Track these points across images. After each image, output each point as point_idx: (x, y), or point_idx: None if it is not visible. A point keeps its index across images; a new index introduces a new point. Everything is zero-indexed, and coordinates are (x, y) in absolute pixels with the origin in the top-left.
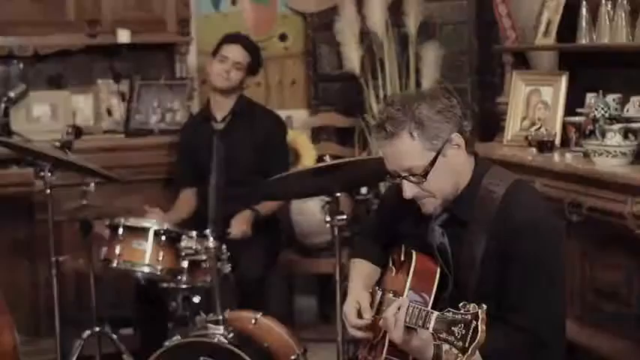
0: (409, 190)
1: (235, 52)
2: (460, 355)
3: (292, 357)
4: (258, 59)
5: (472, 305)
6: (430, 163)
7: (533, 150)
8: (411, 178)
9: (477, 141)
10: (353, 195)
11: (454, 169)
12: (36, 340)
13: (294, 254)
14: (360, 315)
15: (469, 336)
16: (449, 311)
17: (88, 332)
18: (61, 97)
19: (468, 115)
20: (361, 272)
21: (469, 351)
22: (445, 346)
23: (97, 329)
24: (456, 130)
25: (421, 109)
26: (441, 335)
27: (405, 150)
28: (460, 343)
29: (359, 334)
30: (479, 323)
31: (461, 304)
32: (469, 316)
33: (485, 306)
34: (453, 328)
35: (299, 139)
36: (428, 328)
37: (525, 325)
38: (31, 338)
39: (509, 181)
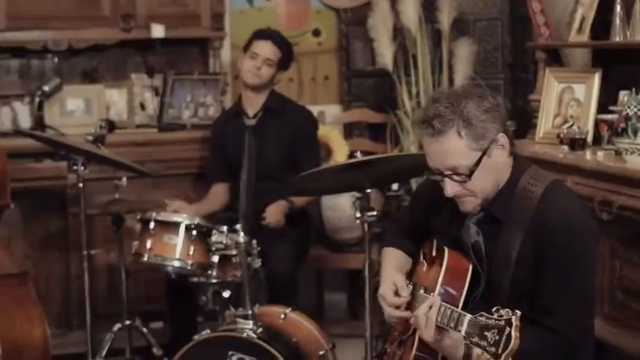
0: (450, 188)
1: (266, 49)
2: None
3: (321, 352)
4: (290, 54)
5: (505, 311)
6: (475, 163)
7: (565, 148)
8: (455, 177)
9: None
10: (384, 191)
11: (496, 169)
12: (67, 332)
13: (324, 250)
14: (397, 295)
15: (502, 342)
16: (482, 315)
17: (118, 325)
18: (95, 91)
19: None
20: (394, 259)
21: (502, 358)
22: (477, 350)
23: (128, 322)
24: (501, 130)
25: (469, 108)
26: (473, 339)
27: (452, 149)
28: (493, 349)
29: (396, 313)
30: (512, 330)
31: (494, 308)
32: (502, 322)
33: (519, 312)
34: (485, 333)
35: (331, 134)
36: (460, 331)
37: (557, 328)
38: (63, 331)
39: (547, 181)
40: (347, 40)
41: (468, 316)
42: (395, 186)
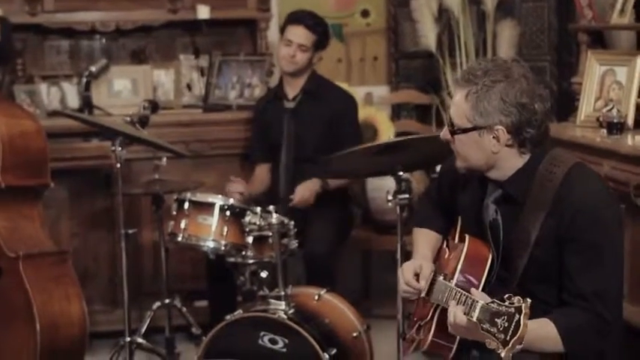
0: (443, 132)
1: (299, 34)
2: (501, 347)
3: (354, 334)
4: (325, 34)
5: (517, 298)
6: (462, 129)
7: (604, 131)
8: (449, 126)
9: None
10: (429, 173)
11: (484, 150)
12: (114, 309)
13: (370, 231)
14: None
15: (511, 329)
16: (494, 302)
17: (157, 304)
18: (142, 71)
19: (542, 125)
20: (427, 239)
21: (510, 344)
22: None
23: (167, 301)
24: (506, 125)
25: (493, 86)
26: (484, 326)
27: (456, 102)
28: (502, 336)
29: (407, 294)
30: (522, 317)
31: (506, 295)
32: (513, 309)
33: (529, 300)
34: (496, 319)
35: (378, 115)
36: (472, 317)
37: (589, 307)
38: (110, 308)
39: (570, 162)
40: (395, 21)
41: (481, 302)
42: (439, 168)
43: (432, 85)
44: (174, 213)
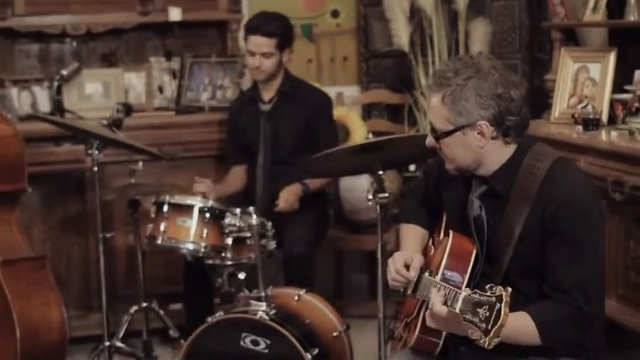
0: (428, 140)
1: (259, 43)
2: (483, 336)
3: (334, 334)
4: (286, 32)
5: (498, 287)
6: (446, 132)
7: (579, 128)
8: (432, 132)
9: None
10: (402, 172)
11: (472, 150)
12: (87, 314)
13: (343, 231)
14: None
15: (492, 318)
16: (475, 292)
17: (135, 307)
18: (113, 74)
19: (521, 111)
20: (415, 234)
21: (491, 333)
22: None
23: (144, 304)
24: (488, 119)
25: (466, 84)
26: (467, 317)
27: (433, 108)
28: (483, 325)
29: (395, 283)
30: (502, 305)
31: (487, 285)
32: (493, 298)
33: (510, 289)
34: (478, 309)
35: (350, 115)
36: (455, 309)
37: (571, 302)
38: (83, 313)
39: (553, 157)
40: (365, 21)
41: (463, 294)
42: (412, 167)
43: (405, 85)
44: (153, 216)
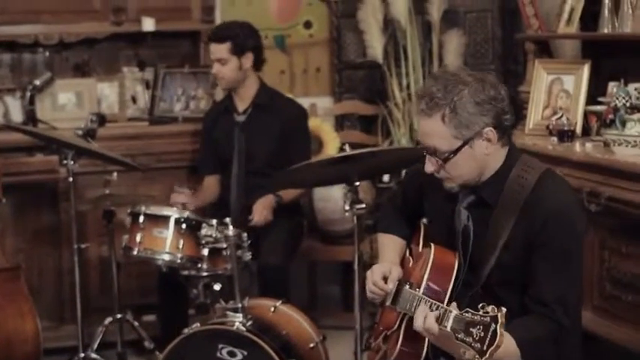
0: (429, 166)
1: (213, 51)
2: (478, 357)
3: (311, 345)
4: (239, 36)
5: (491, 307)
6: (454, 150)
7: (554, 139)
8: (433, 158)
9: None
10: (375, 182)
11: (479, 160)
12: (60, 326)
13: (316, 242)
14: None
15: (487, 339)
16: (467, 311)
17: (109, 319)
18: (86, 84)
19: (510, 108)
20: (393, 247)
21: (487, 354)
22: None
23: (119, 316)
24: (491, 124)
25: (462, 96)
26: (459, 335)
27: (434, 131)
28: (478, 345)
29: (373, 295)
30: (498, 327)
31: (480, 305)
32: (488, 319)
33: (504, 309)
34: (471, 329)
35: (323, 126)
36: (446, 327)
37: (552, 315)
38: (55, 324)
39: (540, 169)
40: (338, 32)
41: (454, 312)
42: (386, 177)
43: (378, 96)
44: (129, 227)
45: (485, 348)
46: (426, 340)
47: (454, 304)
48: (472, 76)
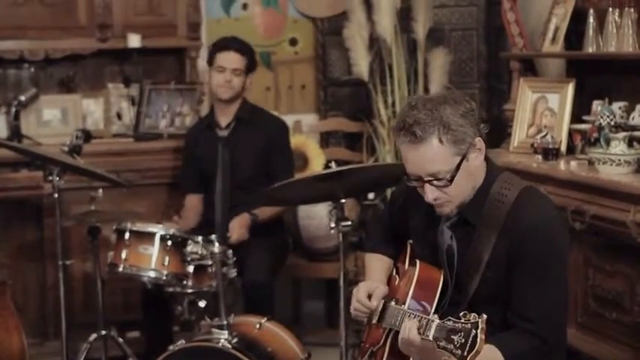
0: (431, 193)
1: (231, 59)
2: None
3: None
4: (254, 57)
5: (472, 315)
6: (456, 168)
7: (539, 157)
8: (435, 182)
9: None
10: (360, 200)
11: (473, 173)
12: (44, 342)
13: (301, 259)
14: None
15: (468, 345)
16: (449, 319)
17: (94, 335)
18: (72, 100)
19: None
20: (380, 266)
21: (467, 359)
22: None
23: (104, 332)
24: (477, 134)
25: (447, 113)
26: (441, 344)
27: (433, 155)
28: (459, 352)
29: (357, 312)
30: (478, 332)
31: (462, 313)
32: (469, 325)
33: (485, 316)
34: (452, 336)
35: (308, 143)
36: (428, 336)
37: (535, 331)
38: (39, 341)
39: (520, 186)
40: (323, 50)
41: (436, 322)
42: (371, 195)
43: (364, 113)
44: (114, 243)
45: (465, 354)
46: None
47: (436, 315)
48: (442, 95)
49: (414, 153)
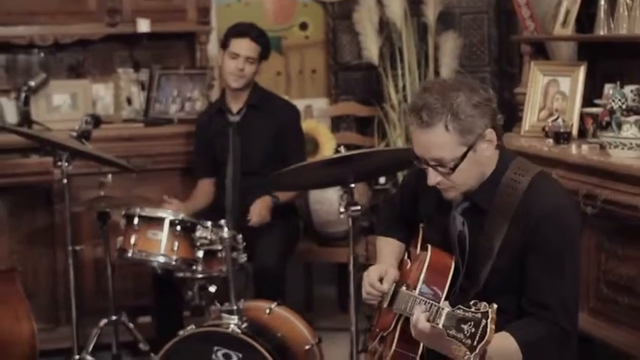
0: (434, 178)
1: (246, 47)
2: (468, 353)
3: (306, 347)
4: (268, 45)
5: (483, 304)
6: (460, 157)
7: (550, 141)
8: (439, 168)
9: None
10: (371, 184)
11: (481, 163)
12: (55, 327)
13: (312, 243)
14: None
15: (478, 334)
16: (459, 308)
17: (104, 321)
18: (81, 86)
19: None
20: (391, 250)
21: (477, 349)
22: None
23: (114, 318)
24: (490, 125)
25: (459, 101)
26: (451, 332)
27: (438, 141)
28: (469, 341)
29: (369, 296)
30: (488, 322)
31: (472, 302)
32: (479, 315)
33: (495, 305)
34: (462, 325)
35: (318, 128)
36: (438, 324)
37: (550, 318)
38: (50, 326)
39: (533, 172)
40: (334, 34)
41: (446, 310)
42: (382, 179)
43: (374, 97)
44: (123, 228)
45: (475, 344)
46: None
47: (446, 302)
48: (460, 82)
49: (420, 136)
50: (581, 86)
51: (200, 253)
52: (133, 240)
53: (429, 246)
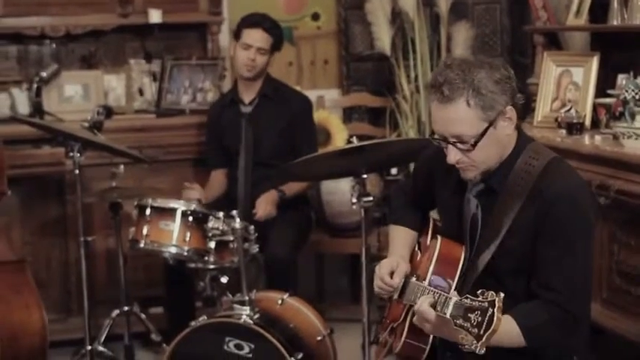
0: (453, 155)
1: (257, 37)
2: (475, 341)
3: (318, 338)
4: (280, 36)
5: (490, 293)
6: (481, 133)
7: (563, 132)
8: (459, 145)
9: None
10: (383, 175)
11: (501, 141)
12: (67, 318)
13: (324, 234)
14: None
15: (485, 323)
16: (467, 297)
17: (116, 311)
18: (93, 76)
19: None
20: (404, 239)
21: (484, 338)
22: (462, 333)
23: (126, 308)
24: (510, 102)
25: (480, 77)
26: (458, 321)
27: (459, 117)
28: (475, 330)
29: (380, 290)
30: (495, 311)
31: (479, 291)
32: (486, 304)
33: (502, 294)
34: (469, 314)
35: (330, 119)
36: (445, 314)
37: (559, 301)
38: (62, 316)
39: (549, 156)
40: (346, 24)
41: (454, 299)
42: (394, 170)
43: (387, 88)
44: (135, 219)
45: (482, 332)
46: None
47: (455, 292)
48: (480, 60)
49: (440, 112)
50: (594, 77)
51: (212, 244)
52: (145, 231)
53: (439, 236)
